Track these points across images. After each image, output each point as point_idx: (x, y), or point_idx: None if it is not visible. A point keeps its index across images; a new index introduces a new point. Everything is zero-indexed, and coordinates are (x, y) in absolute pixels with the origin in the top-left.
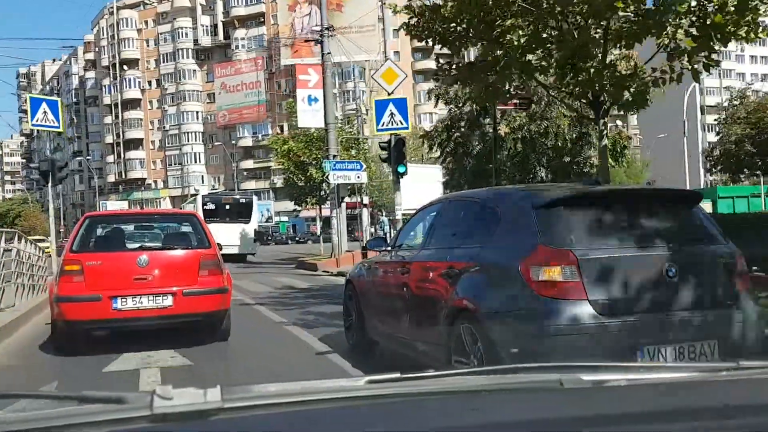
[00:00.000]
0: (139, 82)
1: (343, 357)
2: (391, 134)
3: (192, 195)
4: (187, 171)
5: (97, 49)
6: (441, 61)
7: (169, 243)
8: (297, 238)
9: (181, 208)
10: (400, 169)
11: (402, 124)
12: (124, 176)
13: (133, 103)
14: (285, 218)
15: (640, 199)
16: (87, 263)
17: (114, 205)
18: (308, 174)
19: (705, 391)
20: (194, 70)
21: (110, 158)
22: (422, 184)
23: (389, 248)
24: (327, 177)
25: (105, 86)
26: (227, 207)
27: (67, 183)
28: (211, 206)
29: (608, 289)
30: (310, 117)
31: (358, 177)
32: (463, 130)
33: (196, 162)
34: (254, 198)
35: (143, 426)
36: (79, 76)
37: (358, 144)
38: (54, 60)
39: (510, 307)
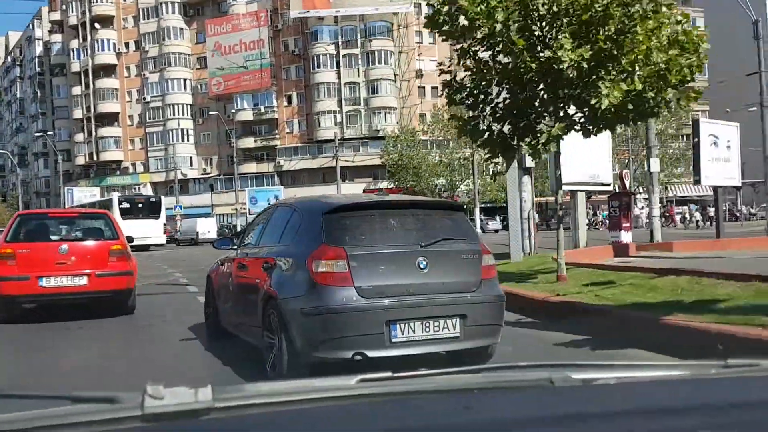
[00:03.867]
0: (114, 44)
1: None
2: None
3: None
4: (173, 152)
5: (64, 6)
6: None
7: (85, 235)
8: None
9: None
10: None
11: None
12: (95, 158)
13: (107, 70)
14: None
15: (407, 207)
16: (18, 251)
17: (83, 192)
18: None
19: (694, 389)
20: (181, 29)
21: (79, 137)
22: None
23: (236, 247)
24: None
25: (73, 50)
26: (139, 205)
27: (30, 169)
28: (126, 205)
29: (371, 278)
30: None
31: None
32: None
33: (183, 140)
34: (161, 197)
35: (134, 426)
36: (43, 41)
37: None
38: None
39: (298, 293)
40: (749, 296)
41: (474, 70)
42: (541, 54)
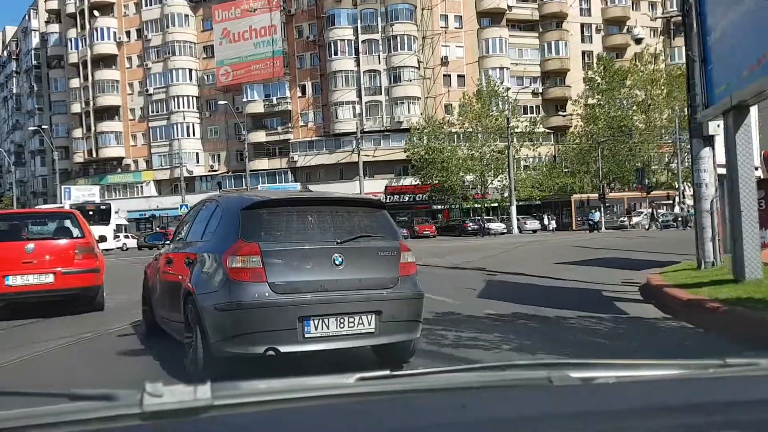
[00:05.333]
0: (115, 32)
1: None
2: None
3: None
4: (178, 147)
5: None
6: None
7: (51, 234)
8: None
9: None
10: None
11: None
12: (95, 155)
13: (107, 61)
14: None
15: (327, 204)
16: None
17: (81, 190)
18: None
19: (692, 388)
20: (187, 15)
21: (78, 132)
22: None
23: (168, 242)
24: None
25: (71, 40)
26: (90, 213)
27: (27, 168)
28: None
29: (285, 274)
30: None
31: None
32: None
33: (189, 135)
34: (111, 204)
35: (133, 423)
36: (40, 33)
37: None
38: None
39: (213, 289)
40: None
41: None
42: None
